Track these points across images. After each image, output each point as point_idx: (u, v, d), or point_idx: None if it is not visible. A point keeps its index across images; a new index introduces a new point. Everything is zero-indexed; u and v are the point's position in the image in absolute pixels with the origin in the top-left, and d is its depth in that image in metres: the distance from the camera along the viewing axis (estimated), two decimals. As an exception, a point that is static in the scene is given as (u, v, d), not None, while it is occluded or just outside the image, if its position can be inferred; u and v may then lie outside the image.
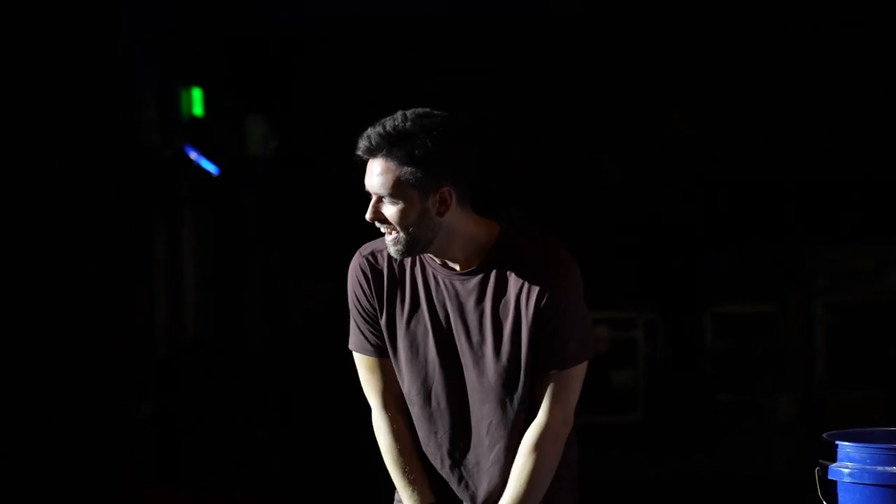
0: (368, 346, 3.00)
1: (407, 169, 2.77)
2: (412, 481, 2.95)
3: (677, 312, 10.75)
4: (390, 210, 2.80)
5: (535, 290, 2.82)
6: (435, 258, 2.90)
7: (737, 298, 10.48)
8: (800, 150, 10.86)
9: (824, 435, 3.07)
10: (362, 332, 3.00)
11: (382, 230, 2.86)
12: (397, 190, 2.78)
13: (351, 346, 3.05)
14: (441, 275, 2.90)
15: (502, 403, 2.89)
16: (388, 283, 2.94)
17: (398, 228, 2.81)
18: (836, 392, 9.81)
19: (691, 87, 11.11)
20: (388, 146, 2.77)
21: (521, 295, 2.84)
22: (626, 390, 9.95)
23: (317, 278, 11.84)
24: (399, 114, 2.80)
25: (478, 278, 2.87)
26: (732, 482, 7.72)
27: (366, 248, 2.97)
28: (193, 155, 9.68)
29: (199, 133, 9.91)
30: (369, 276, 2.94)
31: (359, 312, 2.99)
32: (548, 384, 2.85)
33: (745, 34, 10.31)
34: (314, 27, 10.59)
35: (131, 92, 8.14)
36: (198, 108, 9.80)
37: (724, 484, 7.71)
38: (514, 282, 2.85)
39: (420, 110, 2.81)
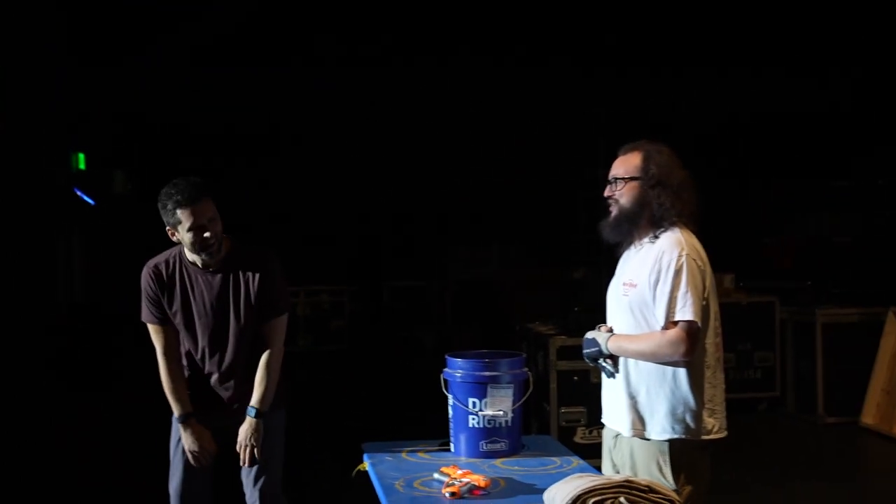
0: (154, 318, 3.93)
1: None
2: (178, 399, 3.95)
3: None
4: (217, 228, 3.80)
5: (255, 276, 3.85)
6: (197, 263, 3.88)
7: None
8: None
9: (447, 355, 3.80)
10: (150, 311, 3.93)
11: (211, 242, 3.82)
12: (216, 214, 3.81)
13: (143, 318, 3.95)
14: (199, 273, 3.89)
15: (242, 346, 3.92)
16: (167, 284, 3.90)
17: (219, 238, 3.84)
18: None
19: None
20: (206, 192, 3.76)
21: (248, 281, 3.85)
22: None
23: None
24: (183, 179, 3.76)
25: (220, 275, 3.88)
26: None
27: (151, 263, 3.93)
28: (78, 192, 12.83)
29: (83, 179, 12.94)
30: (154, 280, 3.90)
31: (149, 300, 3.91)
32: (269, 326, 3.89)
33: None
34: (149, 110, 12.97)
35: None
36: (81, 165, 13.18)
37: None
38: (241, 274, 3.86)
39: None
